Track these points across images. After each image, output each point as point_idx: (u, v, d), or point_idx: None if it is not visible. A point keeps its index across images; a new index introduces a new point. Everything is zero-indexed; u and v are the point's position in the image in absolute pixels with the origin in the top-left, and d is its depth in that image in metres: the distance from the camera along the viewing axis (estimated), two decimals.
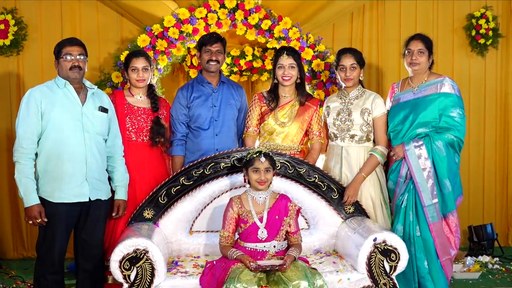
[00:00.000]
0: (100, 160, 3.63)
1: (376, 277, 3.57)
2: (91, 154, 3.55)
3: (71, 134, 3.50)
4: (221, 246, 3.59)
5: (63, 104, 3.52)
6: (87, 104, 3.59)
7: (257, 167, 3.54)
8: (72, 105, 3.54)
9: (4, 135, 5.41)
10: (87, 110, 3.58)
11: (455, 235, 4.05)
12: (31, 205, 3.41)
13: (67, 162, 3.48)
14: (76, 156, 3.50)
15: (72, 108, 3.54)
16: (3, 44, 5.27)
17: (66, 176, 3.48)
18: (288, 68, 4.14)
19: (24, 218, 3.51)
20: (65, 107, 3.52)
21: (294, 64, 4.15)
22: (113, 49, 5.45)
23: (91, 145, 3.56)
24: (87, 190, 3.54)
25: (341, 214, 4.05)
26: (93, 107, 3.62)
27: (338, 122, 4.18)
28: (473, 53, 5.94)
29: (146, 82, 4.10)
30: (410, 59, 4.09)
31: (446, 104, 4.01)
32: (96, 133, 3.61)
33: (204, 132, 4.24)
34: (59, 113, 3.49)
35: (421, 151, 3.97)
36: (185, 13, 5.00)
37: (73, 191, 3.50)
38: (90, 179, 3.55)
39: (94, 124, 3.59)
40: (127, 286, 3.38)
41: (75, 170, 3.49)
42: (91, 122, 3.58)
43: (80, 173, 3.51)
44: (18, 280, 4.82)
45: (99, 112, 3.64)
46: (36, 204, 3.42)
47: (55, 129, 3.47)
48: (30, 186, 3.43)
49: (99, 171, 3.62)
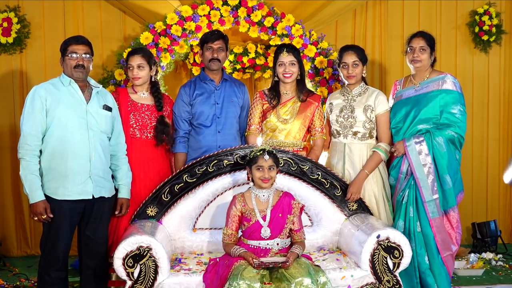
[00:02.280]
0: (104, 158, 3.64)
1: (380, 274, 3.57)
2: (95, 152, 3.56)
3: (76, 131, 3.50)
4: (224, 244, 3.59)
5: (68, 102, 3.52)
6: (91, 102, 3.60)
7: (260, 165, 3.54)
8: (77, 103, 3.55)
9: (8, 133, 5.42)
10: (91, 108, 3.58)
11: (456, 231, 4.05)
12: (37, 202, 3.42)
13: (71, 159, 3.48)
14: (80, 153, 3.50)
15: (77, 106, 3.54)
16: (6, 42, 5.27)
17: (70, 173, 3.49)
18: (288, 65, 4.13)
19: (29, 214, 3.52)
20: (69, 104, 3.52)
21: (295, 61, 4.14)
22: (116, 47, 5.47)
23: (95, 143, 3.57)
24: (91, 187, 3.54)
25: (345, 211, 4.04)
26: (98, 105, 3.63)
27: (341, 119, 4.18)
28: (477, 49, 5.94)
29: (142, 80, 4.07)
30: (412, 56, 4.09)
31: (447, 100, 4.01)
32: (100, 131, 3.62)
33: (207, 129, 4.24)
34: (64, 110, 3.49)
35: (421, 147, 3.97)
36: (188, 10, 5.00)
37: (77, 189, 3.50)
38: (94, 177, 3.56)
39: (98, 122, 3.60)
40: (130, 283, 3.39)
41: (79, 167, 3.50)
42: (96, 120, 3.59)
43: (84, 170, 3.52)
44: (22, 277, 4.83)
45: (104, 111, 3.65)
46: (42, 200, 3.43)
47: (60, 127, 3.48)
48: (35, 183, 3.43)
49: (103, 168, 3.63)
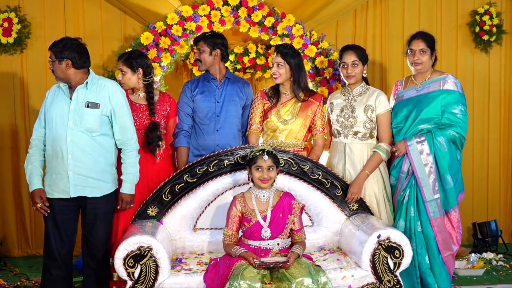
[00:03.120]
0: (91, 157, 3.57)
1: (380, 274, 3.57)
2: (74, 150, 3.53)
3: (59, 131, 3.55)
4: (225, 245, 3.59)
5: (57, 102, 3.60)
6: (73, 101, 3.58)
7: (260, 165, 3.54)
8: (64, 102, 3.60)
9: (8, 133, 5.38)
10: (75, 106, 3.57)
11: (457, 230, 4.06)
12: (33, 189, 3.54)
13: (55, 158, 3.56)
14: (60, 152, 3.54)
15: (63, 105, 3.59)
16: (6, 42, 5.27)
17: (54, 172, 3.57)
18: (275, 66, 4.17)
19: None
20: (57, 104, 3.60)
21: (282, 63, 4.15)
22: (116, 47, 5.46)
23: (76, 141, 3.54)
24: (67, 186, 3.55)
25: (345, 211, 4.04)
26: (82, 103, 3.59)
27: (341, 119, 4.17)
28: (477, 49, 5.92)
29: (128, 85, 4.00)
30: (412, 59, 4.09)
31: (449, 100, 4.01)
32: (85, 129, 3.56)
33: (206, 127, 4.25)
34: (53, 110, 3.59)
35: (423, 146, 3.97)
36: (188, 10, 4.99)
37: (57, 187, 3.57)
38: (74, 175, 3.54)
39: (82, 120, 3.56)
40: (131, 283, 3.39)
41: (58, 166, 3.55)
42: (79, 118, 3.56)
43: (63, 169, 3.55)
44: (23, 277, 4.82)
45: (87, 109, 3.57)
46: (37, 188, 3.54)
47: (49, 127, 3.60)
48: (34, 172, 3.57)
49: (89, 167, 3.57)
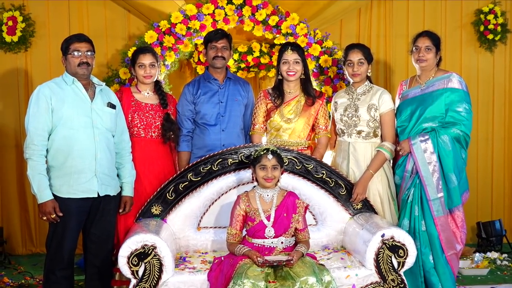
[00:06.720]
0: (110, 156, 3.64)
1: (384, 273, 3.56)
2: (100, 150, 3.56)
3: (81, 130, 3.51)
4: (228, 244, 3.59)
5: (73, 101, 3.53)
6: (96, 100, 3.61)
7: (264, 164, 3.54)
8: (82, 101, 3.56)
9: (12, 131, 5.40)
10: (96, 106, 3.59)
11: (461, 230, 4.04)
12: (45, 201, 3.42)
13: (77, 158, 3.49)
14: (86, 152, 3.51)
15: (81, 104, 3.55)
16: (11, 40, 5.28)
17: (76, 172, 3.49)
18: (293, 63, 4.14)
19: (38, 214, 3.51)
20: (74, 103, 3.53)
21: (299, 60, 4.15)
22: (120, 46, 5.47)
23: (101, 141, 3.57)
24: (96, 185, 3.55)
25: (349, 210, 4.04)
26: (102, 103, 3.64)
27: (345, 118, 4.17)
28: (482, 48, 5.91)
29: (153, 78, 4.10)
30: (417, 56, 4.08)
31: (453, 99, 4.00)
32: (106, 129, 3.62)
33: (211, 128, 4.24)
34: (69, 109, 3.50)
35: (427, 145, 3.97)
36: (193, 9, 4.99)
37: (82, 187, 3.51)
38: (100, 175, 3.56)
39: (103, 120, 3.61)
40: (135, 281, 3.39)
41: (85, 166, 3.50)
42: (101, 118, 3.59)
43: (90, 168, 3.52)
44: (27, 275, 4.84)
45: (108, 108, 3.66)
46: (50, 199, 3.43)
47: (66, 126, 3.49)
48: (43, 182, 3.44)
49: (108, 166, 3.63)
